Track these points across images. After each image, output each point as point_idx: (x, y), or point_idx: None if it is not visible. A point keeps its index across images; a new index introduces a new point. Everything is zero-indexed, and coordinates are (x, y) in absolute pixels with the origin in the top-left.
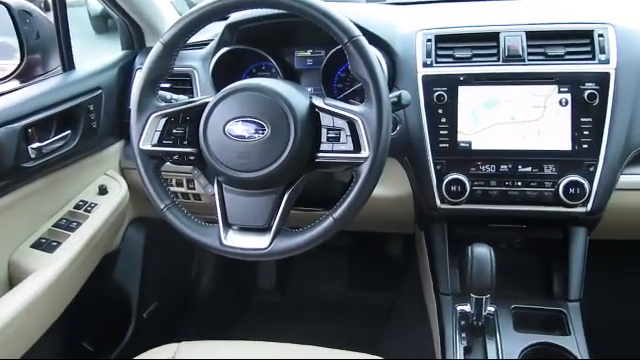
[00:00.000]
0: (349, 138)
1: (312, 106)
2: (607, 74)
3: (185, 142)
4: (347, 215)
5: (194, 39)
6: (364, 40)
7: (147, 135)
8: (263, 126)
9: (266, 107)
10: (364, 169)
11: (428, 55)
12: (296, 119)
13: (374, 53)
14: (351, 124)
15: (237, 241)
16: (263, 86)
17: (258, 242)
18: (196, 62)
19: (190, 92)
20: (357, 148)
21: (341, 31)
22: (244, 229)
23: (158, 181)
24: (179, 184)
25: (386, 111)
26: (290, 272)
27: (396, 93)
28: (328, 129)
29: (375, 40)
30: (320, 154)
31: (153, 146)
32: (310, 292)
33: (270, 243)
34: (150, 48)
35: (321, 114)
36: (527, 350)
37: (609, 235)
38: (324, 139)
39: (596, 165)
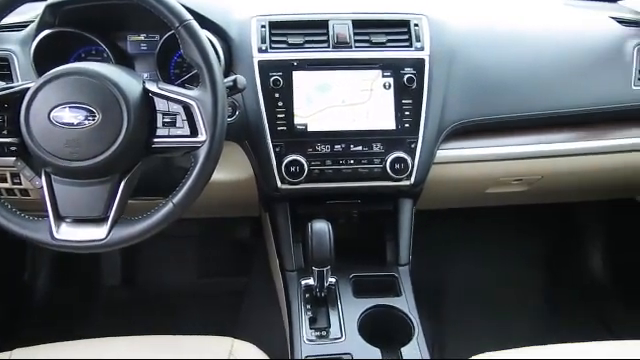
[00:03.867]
0: (185, 122)
1: (146, 91)
2: (422, 60)
3: (4, 132)
4: (187, 200)
5: (11, 20)
6: (195, 24)
7: None
8: (93, 112)
9: (95, 92)
10: (202, 153)
11: (263, 41)
12: (129, 104)
13: (206, 37)
14: (187, 108)
15: (71, 234)
16: (91, 70)
17: (95, 233)
18: (14, 45)
19: (9, 78)
20: (194, 132)
21: (171, 15)
22: (78, 221)
23: None
24: (2, 179)
25: (221, 95)
26: (137, 266)
27: (231, 78)
28: (164, 114)
29: (209, 25)
30: (156, 139)
31: None
32: (160, 284)
33: (108, 233)
34: None
35: (155, 99)
36: (365, 313)
37: (432, 205)
38: (160, 124)
39: (416, 142)
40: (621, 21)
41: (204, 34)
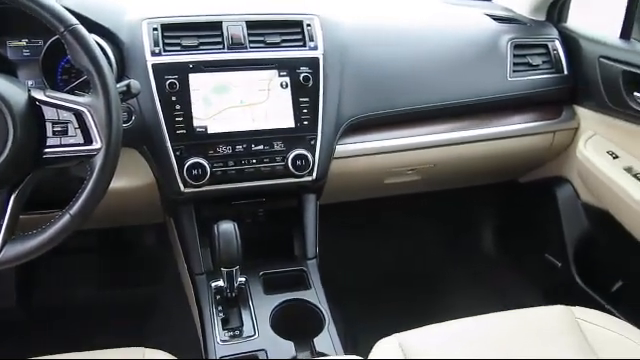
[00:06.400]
0: (78, 130)
1: (32, 99)
2: (317, 59)
3: None
4: (84, 210)
5: None
6: (82, 28)
7: None
8: None
9: None
10: (98, 161)
11: (156, 44)
12: (13, 114)
13: (94, 41)
14: (78, 116)
15: None
16: None
17: None
18: None
19: None
20: (88, 140)
21: (55, 20)
22: None
23: None
24: None
25: (114, 100)
26: (34, 285)
27: (125, 82)
28: (53, 123)
29: (97, 28)
30: (47, 150)
31: None
32: (61, 302)
33: None
34: None
35: (44, 107)
36: (277, 308)
37: (335, 198)
38: (50, 133)
39: (316, 138)
40: (495, 18)
41: (92, 38)
